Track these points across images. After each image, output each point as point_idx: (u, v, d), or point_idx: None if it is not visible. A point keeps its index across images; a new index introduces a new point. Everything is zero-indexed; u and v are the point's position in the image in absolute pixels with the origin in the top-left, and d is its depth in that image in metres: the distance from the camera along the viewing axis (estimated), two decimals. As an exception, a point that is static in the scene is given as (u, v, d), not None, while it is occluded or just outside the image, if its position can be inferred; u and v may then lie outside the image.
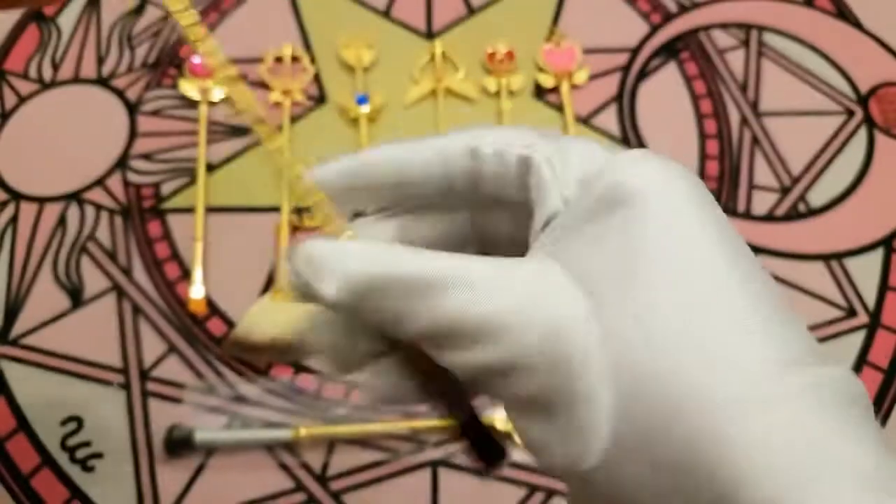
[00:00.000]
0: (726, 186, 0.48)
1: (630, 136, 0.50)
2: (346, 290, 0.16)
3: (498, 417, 0.39)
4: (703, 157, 0.49)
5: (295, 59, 0.53)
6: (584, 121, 0.51)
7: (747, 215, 0.47)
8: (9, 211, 0.48)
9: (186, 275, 0.45)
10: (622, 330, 0.15)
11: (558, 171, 0.17)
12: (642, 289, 0.15)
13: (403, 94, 0.52)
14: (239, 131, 0.51)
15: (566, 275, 0.16)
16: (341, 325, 0.18)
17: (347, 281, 0.16)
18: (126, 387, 0.42)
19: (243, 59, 0.53)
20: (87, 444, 0.40)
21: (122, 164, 0.49)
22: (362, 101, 0.50)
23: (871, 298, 0.44)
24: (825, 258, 0.45)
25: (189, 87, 0.51)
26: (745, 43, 0.54)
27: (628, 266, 0.15)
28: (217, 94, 0.51)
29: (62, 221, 0.47)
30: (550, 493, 0.39)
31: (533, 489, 0.39)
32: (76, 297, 0.44)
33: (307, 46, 0.54)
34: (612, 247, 0.15)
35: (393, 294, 0.16)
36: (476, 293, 0.15)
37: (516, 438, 0.37)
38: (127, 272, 0.45)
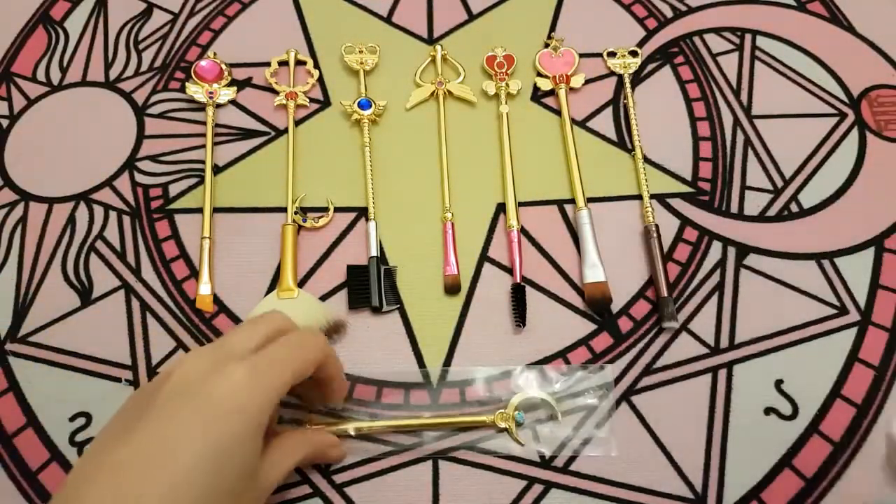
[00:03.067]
0: (719, 187, 0.48)
1: (625, 139, 0.51)
2: None
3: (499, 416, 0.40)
4: (697, 158, 0.50)
5: (299, 63, 0.54)
6: (581, 123, 0.52)
7: (740, 215, 0.47)
8: (18, 211, 0.48)
9: (194, 273, 0.46)
10: None
11: None
12: None
13: (405, 97, 0.52)
14: (244, 134, 0.51)
15: None
16: None
17: None
18: (134, 383, 0.42)
19: (249, 63, 0.54)
20: (95, 439, 0.41)
21: (130, 165, 0.50)
22: (365, 104, 0.51)
23: (862, 297, 0.44)
24: (817, 257, 0.46)
25: (196, 90, 0.52)
26: (739, 47, 0.55)
27: None
28: (223, 96, 0.52)
29: (71, 221, 0.48)
30: (548, 485, 0.39)
31: (531, 481, 0.39)
32: (85, 296, 0.45)
33: (311, 51, 0.55)
34: None
35: None
36: None
37: (516, 436, 0.38)
38: (135, 271, 0.46)
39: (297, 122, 0.51)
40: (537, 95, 0.53)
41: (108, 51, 0.55)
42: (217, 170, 0.50)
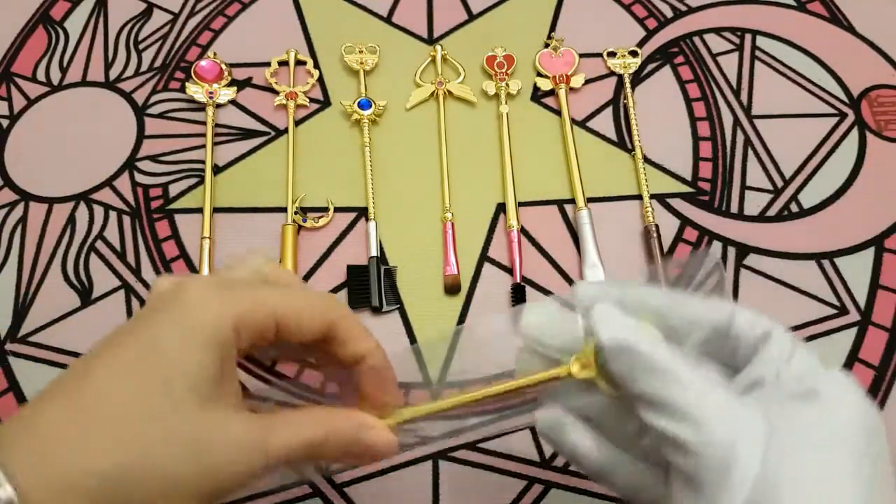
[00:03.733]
0: (719, 187, 0.49)
1: (625, 139, 0.51)
2: (612, 342, 0.25)
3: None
4: (697, 158, 0.50)
5: (299, 63, 0.54)
6: (581, 123, 0.52)
7: (740, 215, 0.47)
8: (18, 211, 0.48)
9: (194, 273, 0.46)
10: (770, 485, 0.22)
11: (785, 356, 0.25)
12: (798, 473, 0.22)
13: (405, 97, 0.52)
14: (244, 134, 0.51)
15: (765, 422, 0.23)
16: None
17: (615, 337, 0.25)
18: (134, 383, 0.42)
19: (249, 63, 0.54)
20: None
21: (130, 165, 0.50)
22: (365, 104, 0.51)
23: (862, 297, 0.44)
24: (817, 257, 0.46)
25: (196, 90, 0.52)
26: (739, 47, 0.55)
27: (800, 449, 0.22)
28: (223, 96, 0.52)
29: (71, 221, 0.48)
30: (548, 485, 0.39)
31: (532, 481, 0.39)
32: (85, 296, 0.45)
33: (311, 51, 0.55)
34: (801, 425, 0.23)
35: (635, 364, 0.24)
36: (695, 399, 0.23)
37: (605, 385, 0.29)
38: (135, 271, 0.46)
39: (297, 122, 0.51)
40: (537, 95, 0.53)
41: (108, 51, 0.55)
42: (217, 170, 0.50)
